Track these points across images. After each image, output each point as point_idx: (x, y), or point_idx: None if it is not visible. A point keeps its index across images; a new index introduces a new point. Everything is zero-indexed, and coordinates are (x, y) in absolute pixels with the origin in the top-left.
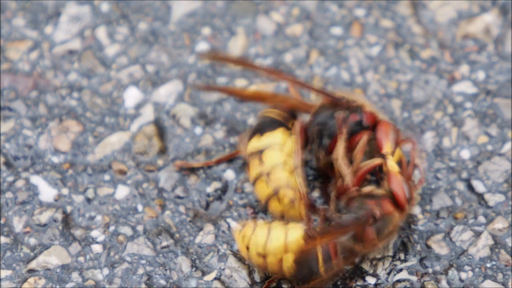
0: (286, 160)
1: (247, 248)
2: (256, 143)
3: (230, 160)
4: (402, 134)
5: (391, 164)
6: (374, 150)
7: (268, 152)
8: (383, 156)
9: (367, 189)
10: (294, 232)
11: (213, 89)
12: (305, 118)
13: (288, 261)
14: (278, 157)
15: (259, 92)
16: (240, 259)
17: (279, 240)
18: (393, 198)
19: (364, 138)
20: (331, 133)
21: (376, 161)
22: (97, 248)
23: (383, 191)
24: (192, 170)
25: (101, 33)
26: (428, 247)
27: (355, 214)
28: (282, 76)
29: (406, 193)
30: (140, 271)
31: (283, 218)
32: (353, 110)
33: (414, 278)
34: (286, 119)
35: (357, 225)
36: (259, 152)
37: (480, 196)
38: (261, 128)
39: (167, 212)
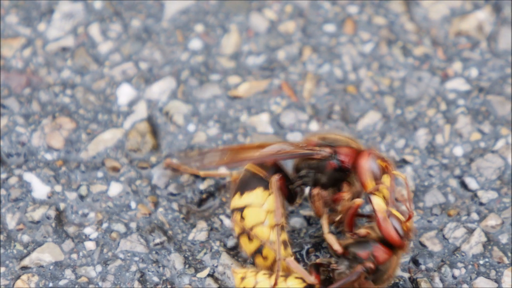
0: (268, 217)
1: None
2: (237, 201)
3: (199, 171)
4: (385, 160)
5: (376, 203)
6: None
7: (248, 210)
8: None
9: (362, 232)
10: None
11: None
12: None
13: None
14: (258, 215)
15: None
16: (233, 256)
17: None
18: (386, 242)
19: (344, 196)
20: (314, 183)
21: (357, 202)
22: (90, 245)
23: (376, 235)
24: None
25: (94, 30)
26: (421, 244)
27: (349, 268)
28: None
29: (398, 230)
30: (133, 268)
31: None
32: (328, 159)
33: (407, 275)
34: (268, 173)
35: (350, 284)
36: (241, 210)
37: (473, 193)
38: (241, 186)
39: (160, 209)
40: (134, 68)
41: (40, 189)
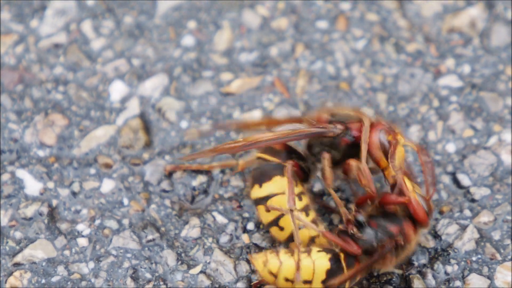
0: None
1: (274, 275)
2: (257, 192)
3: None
4: (395, 132)
5: (404, 184)
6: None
7: (272, 200)
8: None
9: (391, 209)
10: (321, 261)
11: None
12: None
13: (317, 283)
14: (283, 203)
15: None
16: (226, 252)
17: (308, 269)
18: (412, 218)
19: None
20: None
21: (400, 199)
22: (82, 241)
23: (404, 212)
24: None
25: (87, 26)
26: None
27: (375, 238)
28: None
29: (426, 210)
30: (126, 264)
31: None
32: (341, 135)
33: (399, 271)
34: (281, 157)
35: (382, 256)
36: (264, 199)
37: (466, 189)
38: (258, 177)
39: (153, 206)
40: (127, 64)
41: (32, 186)
